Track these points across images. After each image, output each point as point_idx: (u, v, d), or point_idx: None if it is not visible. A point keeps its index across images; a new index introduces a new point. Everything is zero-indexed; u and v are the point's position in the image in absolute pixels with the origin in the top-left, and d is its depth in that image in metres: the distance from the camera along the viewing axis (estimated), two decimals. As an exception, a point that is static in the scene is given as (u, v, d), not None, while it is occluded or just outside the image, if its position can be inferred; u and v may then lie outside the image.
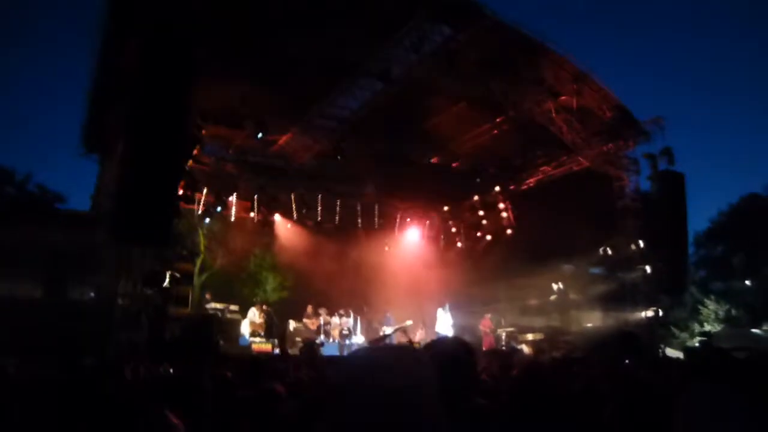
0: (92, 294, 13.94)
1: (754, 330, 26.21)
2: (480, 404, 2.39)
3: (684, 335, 30.17)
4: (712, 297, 31.36)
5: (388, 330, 16.53)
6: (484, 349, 15.41)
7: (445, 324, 16.77)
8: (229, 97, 14.27)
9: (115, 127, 11.75)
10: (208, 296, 16.27)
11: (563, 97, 15.49)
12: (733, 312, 30.63)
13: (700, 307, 31.13)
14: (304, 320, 16.30)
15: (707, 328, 29.14)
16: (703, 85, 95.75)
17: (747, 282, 31.82)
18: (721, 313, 30.51)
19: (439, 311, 16.98)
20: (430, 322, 17.18)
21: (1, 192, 25.79)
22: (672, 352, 19.53)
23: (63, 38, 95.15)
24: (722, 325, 29.35)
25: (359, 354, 1.44)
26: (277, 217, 19.27)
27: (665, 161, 16.32)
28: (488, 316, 17.76)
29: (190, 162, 14.28)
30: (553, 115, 16.33)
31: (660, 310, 17.07)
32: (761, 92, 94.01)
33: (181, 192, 12.96)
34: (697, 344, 24.91)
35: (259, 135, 15.39)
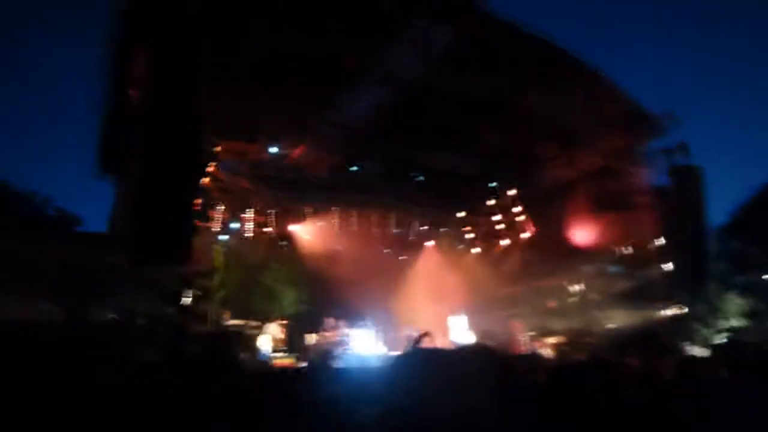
0: (113, 315, 14.02)
1: (779, 324, 25.79)
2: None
3: (707, 331, 29.73)
4: (735, 291, 30.90)
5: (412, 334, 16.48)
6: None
7: (460, 331, 16.64)
8: (239, 110, 14.34)
9: (130, 148, 11.83)
10: (226, 315, 16.23)
11: (574, 95, 15.39)
12: (758, 306, 30.16)
13: (723, 302, 30.69)
14: (325, 333, 16.26)
15: (732, 323, 28.71)
16: (720, 77, 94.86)
17: (766, 276, 31.33)
18: (746, 308, 30.05)
19: (452, 319, 16.85)
20: (447, 330, 17.05)
21: (22, 214, 26.15)
22: (696, 350, 19.28)
23: (79, 56, 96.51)
24: (746, 320, 28.91)
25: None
26: (292, 230, 19.32)
27: (681, 156, 16.19)
28: (518, 321, 17.65)
29: (206, 179, 14.36)
30: (565, 113, 16.24)
31: (681, 306, 16.86)
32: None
33: (197, 209, 13.01)
34: (724, 340, 24.57)
35: (273, 149, 15.43)
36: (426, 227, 22.07)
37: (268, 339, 15.47)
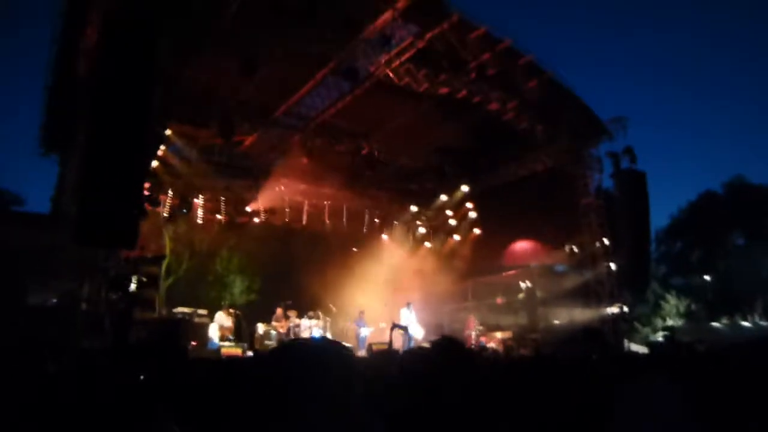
0: (54, 299, 13.56)
1: (713, 324, 27.05)
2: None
3: (646, 330, 30.90)
4: (673, 292, 32.20)
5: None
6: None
7: (411, 323, 16.75)
8: (194, 92, 14.07)
9: (75, 126, 11.45)
10: (164, 312, 15.79)
11: (528, 96, 15.69)
12: (693, 307, 31.51)
13: (662, 302, 31.94)
14: (273, 323, 16.14)
15: (669, 322, 29.91)
16: (665, 84, 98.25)
17: (705, 277, 32.78)
18: (682, 308, 31.35)
19: (403, 311, 16.96)
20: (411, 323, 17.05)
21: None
22: (635, 347, 20.01)
23: (22, 33, 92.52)
24: (683, 320, 30.18)
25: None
26: (243, 218, 19.06)
27: (627, 160, 16.72)
28: (471, 316, 17.86)
29: (155, 162, 14.02)
30: (518, 114, 16.54)
31: (624, 306, 17.43)
32: (722, 92, 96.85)
33: (146, 193, 12.69)
34: (660, 338, 25.58)
35: (226, 135, 15.19)
36: (378, 220, 22.13)
37: (216, 328, 15.25)
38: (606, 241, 16.99)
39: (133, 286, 12.44)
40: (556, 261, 18.78)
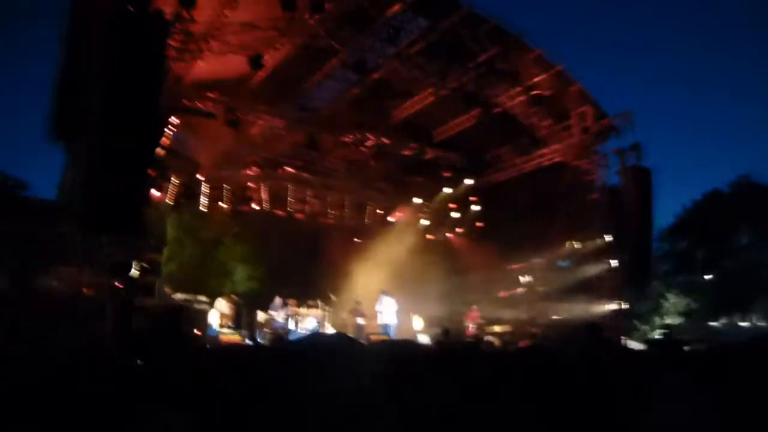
0: (56, 284, 13.63)
1: (711, 323, 27.06)
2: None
3: (645, 327, 30.93)
4: (674, 291, 32.19)
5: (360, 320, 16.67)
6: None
7: (389, 312, 16.79)
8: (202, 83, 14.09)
9: (82, 113, 11.46)
10: (167, 290, 15.89)
11: (535, 91, 15.67)
12: (693, 305, 31.51)
13: (662, 300, 31.94)
14: (271, 312, 16.23)
15: (668, 320, 29.93)
16: (674, 82, 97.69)
17: (707, 276, 32.75)
18: (681, 307, 31.36)
19: (388, 300, 16.97)
20: (385, 312, 17.08)
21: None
22: (634, 344, 20.02)
23: (30, 18, 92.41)
24: (682, 318, 30.19)
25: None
26: (247, 207, 19.12)
27: (634, 156, 16.64)
28: (475, 307, 17.87)
29: (160, 150, 14.04)
30: (526, 108, 16.54)
31: (624, 302, 17.43)
32: (730, 90, 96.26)
33: (151, 180, 12.73)
34: (657, 336, 25.60)
35: (232, 123, 15.19)
36: (381, 212, 22.16)
37: (217, 315, 15.35)
38: (609, 238, 16.97)
39: (134, 273, 12.50)
40: (558, 256, 18.79)
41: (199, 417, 3.05)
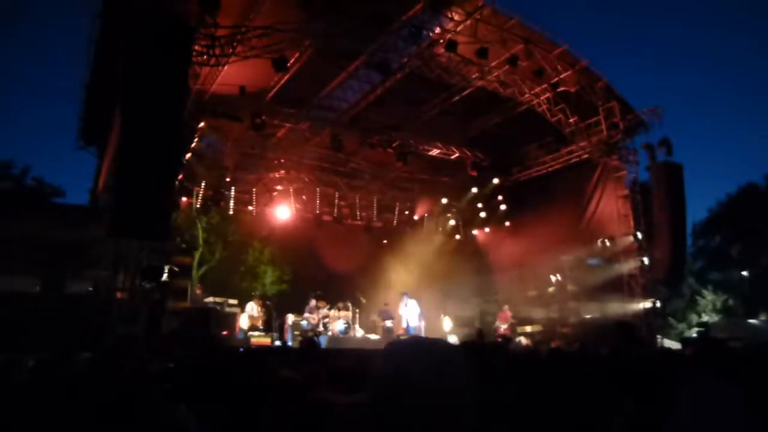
0: (90, 288, 13.93)
1: (750, 320, 26.35)
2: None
3: (682, 326, 30.31)
4: (710, 287, 31.47)
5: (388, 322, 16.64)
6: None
7: (408, 314, 16.70)
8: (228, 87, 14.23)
9: (113, 119, 11.70)
10: (198, 291, 16.09)
11: (562, 88, 15.48)
12: (730, 302, 30.76)
13: (698, 297, 31.25)
14: (306, 314, 16.28)
15: (704, 318, 29.26)
16: (703, 75, 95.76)
17: (744, 272, 31.93)
18: (718, 304, 30.64)
19: (410, 302, 16.87)
20: (408, 314, 17.00)
21: (-2, 185, 25.73)
22: (669, 343, 19.62)
23: (64, 25, 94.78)
24: (719, 316, 29.49)
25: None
26: (275, 210, 19.29)
27: (664, 151, 16.34)
28: (506, 307, 17.71)
29: (189, 154, 14.25)
30: (552, 105, 16.36)
31: (658, 301, 17.11)
32: (761, 82, 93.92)
33: (179, 185, 12.93)
34: (694, 334, 25.03)
35: (258, 127, 15.32)
36: (409, 212, 22.14)
37: (246, 318, 15.50)
38: (640, 235, 16.68)
39: (165, 276, 12.70)
40: (588, 254, 18.51)
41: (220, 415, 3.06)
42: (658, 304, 17.32)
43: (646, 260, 16.62)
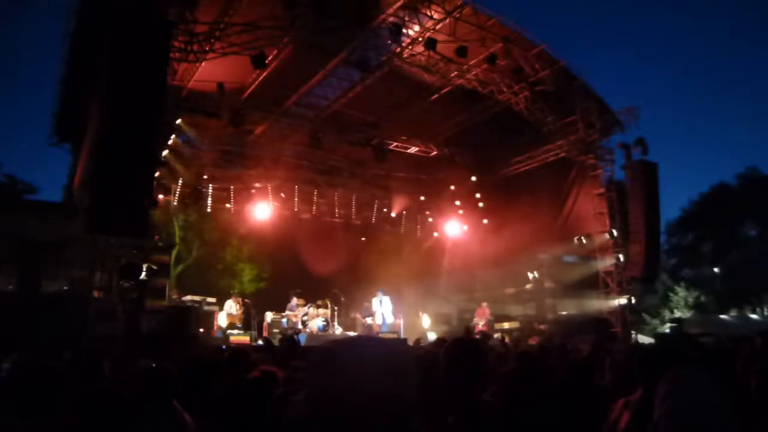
0: (66, 287, 13.72)
1: (721, 316, 26.93)
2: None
3: (655, 322, 30.86)
4: (682, 284, 32.09)
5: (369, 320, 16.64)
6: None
7: (382, 312, 16.72)
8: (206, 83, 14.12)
9: (88, 115, 11.52)
10: (175, 296, 15.78)
11: (540, 87, 15.63)
12: (702, 298, 31.40)
13: (671, 294, 31.84)
14: (287, 312, 16.22)
15: (677, 314, 29.82)
16: (678, 75, 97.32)
17: (715, 269, 32.63)
18: (691, 300, 31.25)
19: (384, 299, 16.87)
20: (383, 310, 17.01)
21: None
22: (643, 339, 19.97)
23: (35, 21, 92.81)
24: (692, 312, 30.09)
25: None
26: (254, 207, 19.16)
27: (639, 151, 16.63)
28: (485, 304, 17.81)
29: (166, 151, 14.10)
30: (530, 104, 16.50)
31: (632, 297, 17.39)
32: (736, 83, 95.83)
33: (156, 182, 12.77)
34: (667, 330, 25.51)
35: (236, 122, 15.23)
36: (387, 210, 22.17)
37: (224, 316, 15.40)
38: (616, 233, 16.94)
39: (143, 275, 12.55)
40: (565, 251, 18.75)
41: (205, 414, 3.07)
42: (633, 301, 17.59)
43: (621, 257, 16.89)
